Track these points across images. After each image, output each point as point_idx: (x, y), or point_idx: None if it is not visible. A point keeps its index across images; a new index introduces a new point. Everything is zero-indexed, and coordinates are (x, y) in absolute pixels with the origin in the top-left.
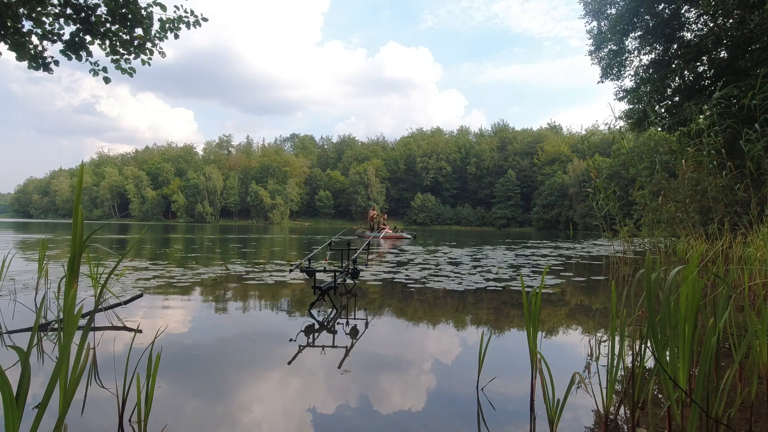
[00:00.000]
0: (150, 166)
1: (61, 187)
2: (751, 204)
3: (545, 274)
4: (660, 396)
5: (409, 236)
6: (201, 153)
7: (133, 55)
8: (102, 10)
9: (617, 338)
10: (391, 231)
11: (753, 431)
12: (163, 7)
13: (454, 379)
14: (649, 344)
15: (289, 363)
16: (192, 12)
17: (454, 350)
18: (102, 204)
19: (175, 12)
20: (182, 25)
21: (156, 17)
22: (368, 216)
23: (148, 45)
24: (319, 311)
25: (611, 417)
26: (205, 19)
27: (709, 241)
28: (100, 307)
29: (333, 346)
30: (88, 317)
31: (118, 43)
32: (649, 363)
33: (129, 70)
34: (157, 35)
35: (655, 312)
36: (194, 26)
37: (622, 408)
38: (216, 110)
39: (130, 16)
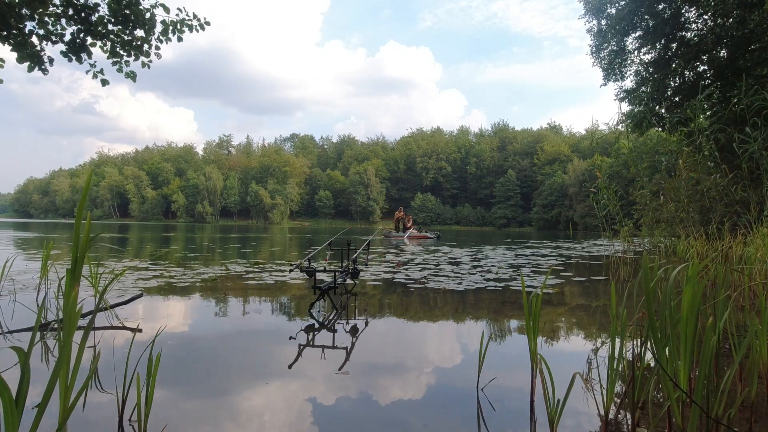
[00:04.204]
0: (150, 166)
1: (61, 187)
2: (750, 204)
3: (548, 275)
4: (660, 396)
5: (433, 236)
6: (201, 153)
7: (133, 57)
8: (104, 11)
9: (618, 338)
10: (416, 231)
11: (753, 431)
12: (166, 9)
13: (454, 379)
14: (649, 344)
15: (289, 364)
16: (195, 15)
17: (454, 350)
18: (102, 204)
19: (177, 15)
20: (185, 28)
21: (159, 19)
22: (394, 217)
23: (146, 47)
24: (319, 311)
25: (611, 417)
26: (207, 23)
27: (709, 241)
28: (99, 307)
29: (333, 347)
30: (88, 317)
31: (118, 45)
32: (650, 363)
33: (131, 74)
34: (160, 37)
35: (655, 312)
36: (197, 30)
37: (622, 408)
38: (216, 110)
39: (132, 17)
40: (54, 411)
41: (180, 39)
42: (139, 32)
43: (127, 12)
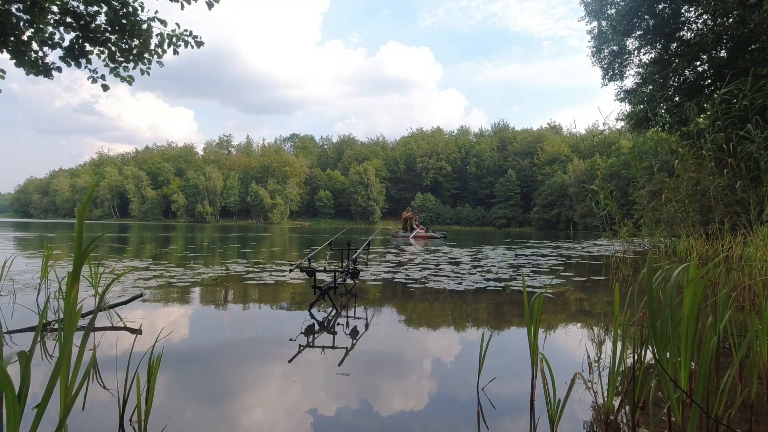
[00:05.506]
0: (150, 165)
1: (61, 186)
2: (750, 204)
3: (553, 278)
4: (660, 396)
5: (440, 236)
6: (201, 153)
7: (132, 64)
8: (102, 19)
9: (618, 338)
10: (423, 231)
11: (753, 431)
12: (164, 23)
13: (454, 379)
14: (649, 344)
15: (289, 363)
16: (191, 33)
17: (454, 350)
18: (102, 204)
19: (173, 30)
20: (181, 42)
21: (155, 31)
22: (402, 217)
23: (146, 55)
24: (319, 311)
25: (612, 417)
26: (201, 43)
27: (709, 241)
28: (100, 307)
29: (333, 347)
30: (88, 317)
31: (117, 52)
32: (650, 363)
33: (128, 78)
34: (156, 49)
35: (656, 312)
36: (192, 46)
37: (622, 408)
38: (216, 110)
39: (128, 27)
40: (54, 411)
41: (176, 52)
42: (136, 41)
43: (124, 22)
